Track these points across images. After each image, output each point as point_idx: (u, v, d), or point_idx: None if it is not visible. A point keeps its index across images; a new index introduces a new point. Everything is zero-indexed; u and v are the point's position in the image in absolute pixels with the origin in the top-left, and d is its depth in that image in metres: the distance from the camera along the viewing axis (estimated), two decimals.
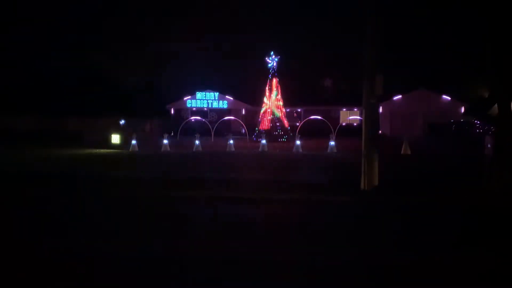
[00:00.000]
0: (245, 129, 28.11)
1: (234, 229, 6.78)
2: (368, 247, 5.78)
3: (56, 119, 32.10)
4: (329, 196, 9.12)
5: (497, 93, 10.04)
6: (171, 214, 7.85)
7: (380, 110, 30.89)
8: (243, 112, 36.42)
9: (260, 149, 20.12)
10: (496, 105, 10.19)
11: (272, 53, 27.94)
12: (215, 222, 7.29)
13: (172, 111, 37.43)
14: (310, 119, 28.04)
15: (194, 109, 36.96)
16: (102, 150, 20.13)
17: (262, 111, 28.44)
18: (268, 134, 24.03)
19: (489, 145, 9.00)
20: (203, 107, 36.88)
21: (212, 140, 26.17)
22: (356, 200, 8.82)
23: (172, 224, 7.05)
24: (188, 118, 34.36)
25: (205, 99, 36.60)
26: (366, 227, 6.98)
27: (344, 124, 31.00)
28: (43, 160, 15.91)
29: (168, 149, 20.01)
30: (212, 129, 27.35)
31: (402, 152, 18.54)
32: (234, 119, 31.49)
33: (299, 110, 36.69)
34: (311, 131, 28.12)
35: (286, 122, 28.13)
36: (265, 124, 27.50)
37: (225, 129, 29.45)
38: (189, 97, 36.90)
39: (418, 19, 39.72)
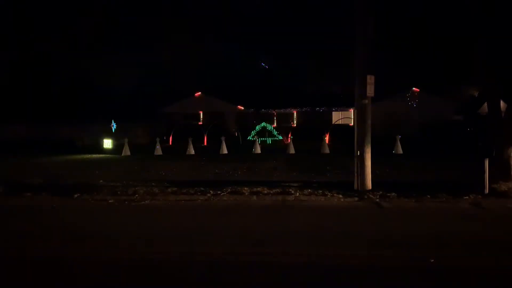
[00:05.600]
0: (238, 132, 28.05)
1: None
2: (360, 249, 5.78)
3: (47, 126, 31.75)
4: (321, 197, 9.11)
5: (486, 91, 10.11)
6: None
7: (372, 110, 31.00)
8: (236, 115, 36.35)
9: (253, 151, 20.14)
10: (485, 103, 10.27)
11: (263, 56, 27.99)
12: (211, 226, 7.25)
13: (164, 115, 37.26)
14: (303, 120, 28.11)
15: (186, 112, 36.81)
16: (94, 155, 19.99)
17: (255, 114, 28.44)
18: (260, 136, 24.03)
19: (480, 144, 9.05)
20: (195, 111, 36.75)
21: (205, 143, 26.09)
22: (350, 201, 8.82)
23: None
24: (180, 121, 34.23)
25: (197, 103, 36.48)
26: (360, 228, 6.97)
27: (336, 124, 31.06)
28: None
29: (161, 153, 19.94)
30: (205, 132, 27.28)
31: (394, 151, 18.71)
32: (227, 122, 31.43)
33: (292, 111, 36.73)
34: (304, 132, 28.15)
35: (277, 125, 28.17)
36: (257, 127, 27.51)
37: (218, 132, 29.33)
38: (181, 100, 36.75)
39: (410, 18, 39.98)
